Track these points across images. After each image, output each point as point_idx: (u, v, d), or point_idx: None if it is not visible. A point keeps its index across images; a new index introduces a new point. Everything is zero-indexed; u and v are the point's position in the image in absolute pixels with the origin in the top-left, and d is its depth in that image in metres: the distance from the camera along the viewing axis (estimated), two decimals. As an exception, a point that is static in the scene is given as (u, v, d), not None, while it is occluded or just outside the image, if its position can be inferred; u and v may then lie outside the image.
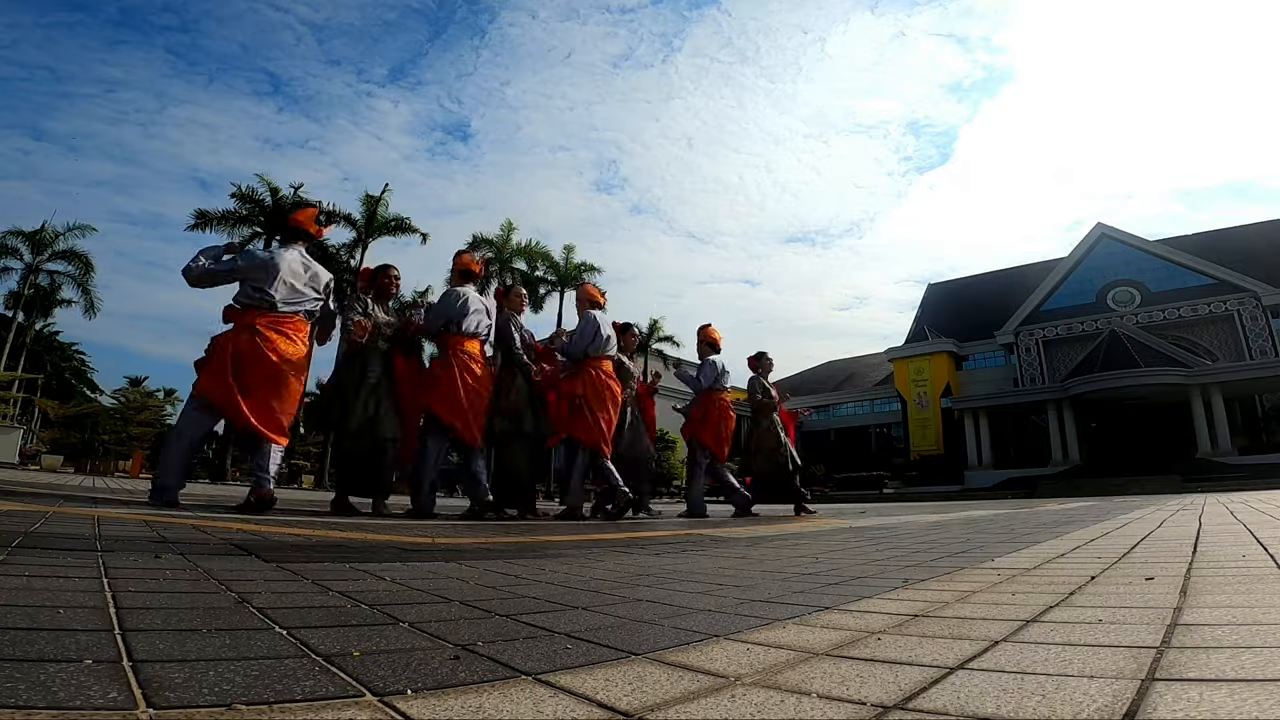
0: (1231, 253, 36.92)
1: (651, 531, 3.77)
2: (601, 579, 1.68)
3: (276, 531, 2.65)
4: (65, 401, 36.32)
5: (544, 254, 29.23)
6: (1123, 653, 0.85)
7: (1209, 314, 35.50)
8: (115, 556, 1.58)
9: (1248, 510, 4.47)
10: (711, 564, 2.11)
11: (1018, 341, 40.66)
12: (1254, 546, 2.10)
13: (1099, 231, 40.28)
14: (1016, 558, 2.11)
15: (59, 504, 3.31)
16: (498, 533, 3.27)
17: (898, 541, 2.94)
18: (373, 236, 25.68)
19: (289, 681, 0.71)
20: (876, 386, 49.33)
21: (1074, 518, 4.70)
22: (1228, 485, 20.93)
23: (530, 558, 2.15)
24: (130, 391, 44.29)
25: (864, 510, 8.38)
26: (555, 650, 0.91)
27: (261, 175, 29.27)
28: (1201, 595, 1.25)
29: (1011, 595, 1.36)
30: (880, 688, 0.74)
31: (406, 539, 2.62)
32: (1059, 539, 2.80)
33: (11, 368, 27.03)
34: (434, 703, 0.67)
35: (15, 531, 1.90)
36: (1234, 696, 0.65)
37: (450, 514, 4.80)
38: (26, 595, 1.07)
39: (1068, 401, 35.19)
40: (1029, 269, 45.64)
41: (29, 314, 29.47)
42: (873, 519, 5.51)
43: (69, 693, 0.63)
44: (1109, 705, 0.65)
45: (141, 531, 2.25)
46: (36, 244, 27.22)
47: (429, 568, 1.78)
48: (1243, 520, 3.43)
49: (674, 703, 0.69)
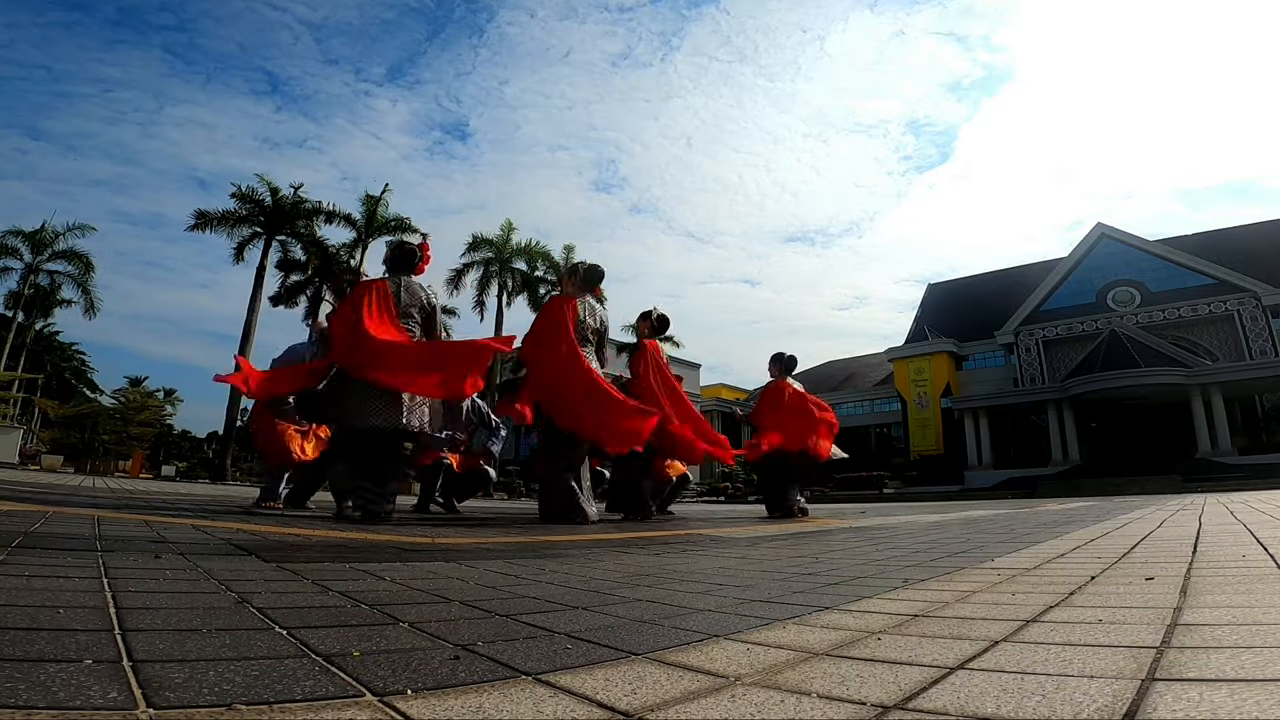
0: (1231, 253, 36.92)
1: (651, 531, 3.77)
2: (601, 579, 1.68)
3: (276, 531, 2.65)
4: (65, 401, 36.32)
5: (544, 254, 29.22)
6: (1123, 653, 0.85)
7: (1209, 314, 35.50)
8: (115, 556, 1.58)
9: (1248, 510, 4.47)
10: (711, 564, 2.11)
11: (1018, 341, 40.65)
12: (1254, 546, 2.10)
13: (1099, 231, 40.28)
14: (1016, 558, 2.11)
15: (59, 504, 3.31)
16: (498, 533, 3.27)
17: (898, 541, 2.94)
18: (373, 236, 25.67)
19: (289, 681, 0.71)
20: (876, 386, 49.32)
21: (1074, 518, 4.71)
22: (1228, 485, 20.92)
23: (530, 558, 2.15)
24: (130, 391, 44.24)
25: (864, 510, 8.38)
26: (555, 650, 0.91)
27: (261, 175, 29.27)
28: (1201, 595, 1.25)
29: (1011, 595, 1.36)
30: (880, 688, 0.74)
31: (406, 539, 2.62)
32: (1059, 539, 2.80)
33: (11, 368, 27.05)
34: (434, 703, 0.67)
35: (15, 531, 1.90)
36: (1234, 696, 0.65)
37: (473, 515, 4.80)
38: (26, 595, 1.07)
39: (1068, 401, 35.19)
40: (1029, 269, 45.63)
41: (29, 314, 29.49)
42: (873, 519, 5.51)
43: (69, 693, 0.63)
44: (1109, 705, 0.65)
45: (141, 531, 2.25)
46: (36, 244, 27.24)
47: (429, 568, 1.78)
48: (1243, 520, 3.43)
49: (674, 703, 0.69)
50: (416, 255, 4.20)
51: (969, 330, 43.66)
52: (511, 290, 28.98)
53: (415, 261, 4.18)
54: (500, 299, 28.95)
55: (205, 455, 37.76)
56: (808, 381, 39.96)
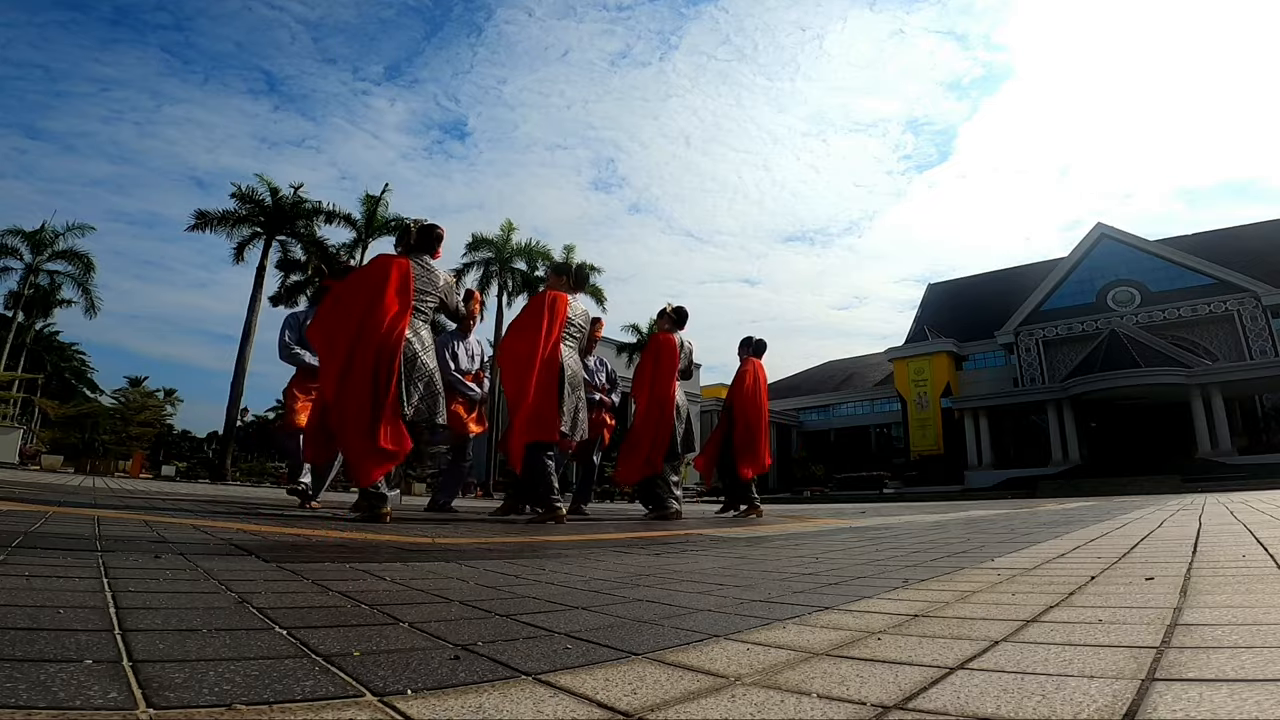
0: (1231, 253, 36.95)
1: (651, 531, 3.77)
2: (601, 579, 1.68)
3: (276, 531, 2.65)
4: (65, 401, 36.27)
5: (544, 253, 29.24)
6: (1123, 653, 0.85)
7: (1209, 314, 35.53)
8: (115, 556, 1.58)
9: (1248, 510, 4.47)
10: (711, 564, 2.11)
11: (1018, 341, 40.68)
12: (1254, 546, 2.10)
13: (1099, 231, 40.30)
14: (1016, 558, 2.11)
15: (59, 504, 3.31)
16: (498, 533, 3.27)
17: (898, 541, 2.94)
18: (373, 236, 25.69)
19: (289, 681, 0.71)
20: (876, 386, 49.36)
21: (1074, 518, 4.70)
22: (1228, 485, 20.93)
23: (530, 558, 2.15)
24: (130, 391, 44.21)
25: (864, 510, 8.38)
26: (555, 650, 0.91)
27: (261, 175, 29.32)
28: (1201, 595, 1.25)
29: (1011, 595, 1.36)
30: (880, 688, 0.74)
31: (406, 539, 2.62)
32: (1059, 539, 2.80)
33: (11, 368, 27.04)
34: (434, 703, 0.67)
35: (15, 531, 1.90)
36: (1234, 696, 0.65)
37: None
38: (26, 595, 1.06)
39: (1068, 401, 35.20)
40: (1029, 269, 45.68)
41: (29, 314, 29.47)
42: (873, 519, 5.51)
43: (69, 693, 0.63)
44: (1109, 705, 0.65)
45: (141, 531, 2.25)
46: (36, 244, 27.23)
47: (429, 568, 1.78)
48: (1243, 520, 3.43)
49: (674, 703, 0.69)
50: (440, 239, 4.23)
51: (969, 330, 43.69)
52: (512, 290, 29.01)
53: (435, 245, 4.20)
54: (500, 299, 28.98)
55: (205, 455, 37.78)
56: (808, 381, 39.72)
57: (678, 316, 5.88)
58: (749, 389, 6.30)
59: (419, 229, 4.16)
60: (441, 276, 4.18)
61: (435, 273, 4.13)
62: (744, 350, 6.57)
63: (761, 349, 6.56)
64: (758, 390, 6.34)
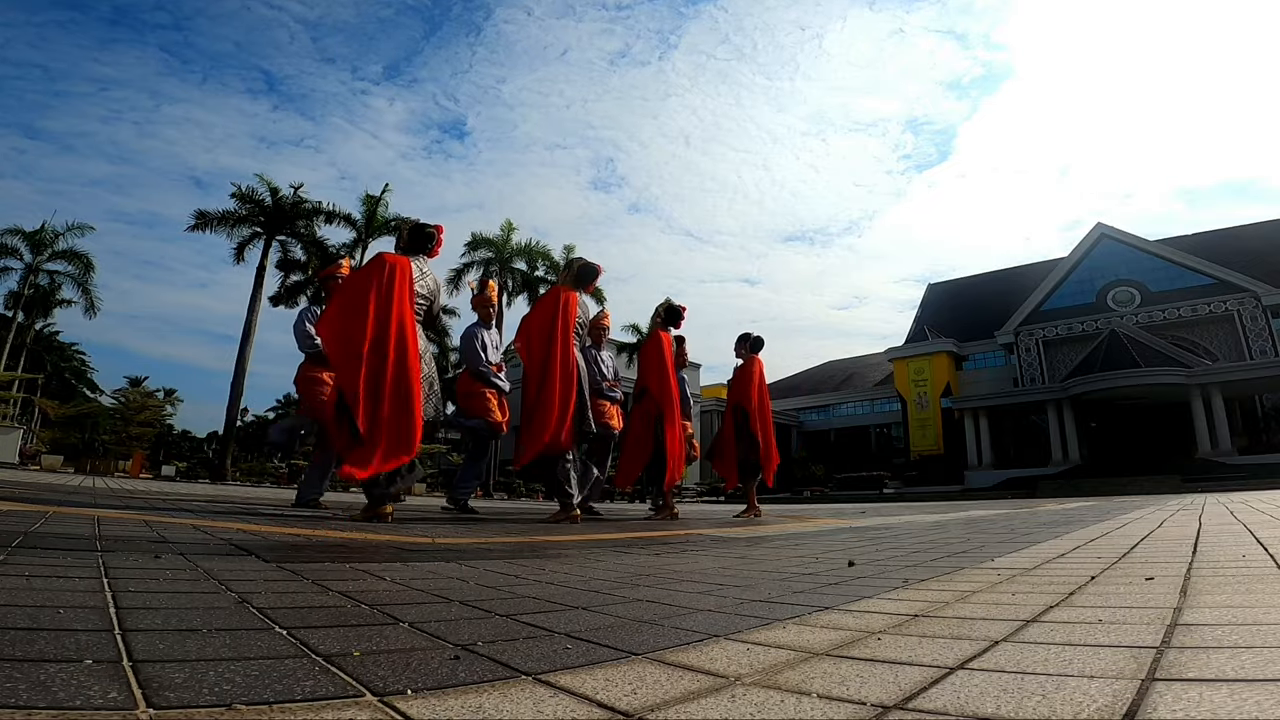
0: (1231, 253, 36.95)
1: (651, 531, 3.77)
2: (601, 579, 1.68)
3: (276, 531, 2.65)
4: (65, 401, 36.25)
5: (544, 253, 29.24)
6: (1123, 653, 0.85)
7: (1209, 314, 35.52)
8: (115, 556, 1.58)
9: (1248, 510, 4.47)
10: (711, 564, 2.11)
11: (1018, 341, 40.67)
12: (1254, 546, 2.10)
13: (1099, 231, 40.30)
14: (1016, 558, 2.11)
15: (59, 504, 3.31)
16: (498, 533, 3.27)
17: (898, 541, 2.94)
18: (373, 236, 25.66)
19: (289, 681, 0.71)
20: (876, 386, 49.36)
21: (1074, 518, 4.71)
22: (1228, 485, 20.93)
23: (530, 558, 2.15)
24: (130, 391, 44.14)
25: (864, 510, 8.38)
26: (555, 650, 0.91)
27: (261, 175, 29.32)
28: (1201, 595, 1.25)
29: (1011, 595, 1.36)
30: (880, 688, 0.74)
31: (406, 539, 2.62)
32: (1059, 539, 2.80)
33: (11, 368, 27.02)
34: (434, 703, 0.67)
35: (15, 531, 1.90)
36: (1234, 696, 0.65)
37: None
38: (26, 595, 1.06)
39: (1068, 401, 35.20)
40: (1029, 269, 45.67)
41: (29, 314, 29.47)
42: (873, 519, 5.51)
43: (69, 693, 0.63)
44: (1109, 705, 0.65)
45: (141, 531, 2.25)
46: (36, 244, 27.21)
47: (429, 568, 1.78)
48: (1243, 520, 3.43)
49: (674, 703, 0.69)
50: (434, 238, 4.22)
51: (969, 330, 43.68)
52: (512, 290, 28.99)
53: (431, 245, 4.20)
54: (500, 299, 28.96)
55: (205, 455, 37.77)
56: (808, 381, 39.70)
57: (668, 315, 5.92)
58: (763, 389, 6.37)
59: (410, 229, 4.17)
60: (432, 278, 4.16)
61: (428, 275, 4.12)
62: (744, 347, 6.48)
63: (759, 345, 6.53)
64: (763, 389, 6.40)
